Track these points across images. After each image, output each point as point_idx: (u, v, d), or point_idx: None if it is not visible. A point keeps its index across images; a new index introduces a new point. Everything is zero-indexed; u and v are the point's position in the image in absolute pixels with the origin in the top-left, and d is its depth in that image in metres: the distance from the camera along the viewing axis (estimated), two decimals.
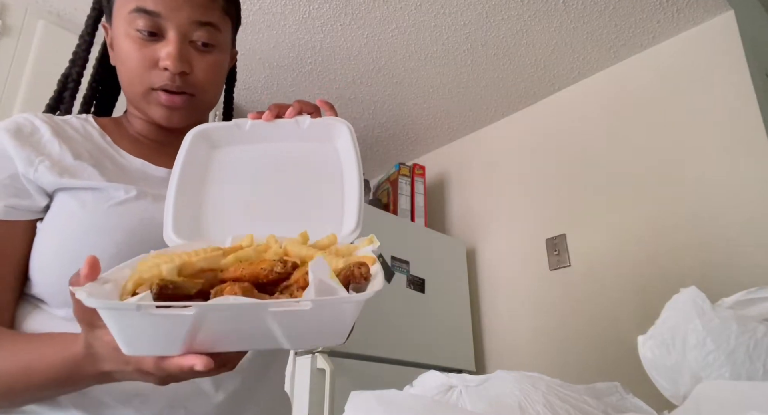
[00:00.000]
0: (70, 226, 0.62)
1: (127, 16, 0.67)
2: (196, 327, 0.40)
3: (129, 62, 0.68)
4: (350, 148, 0.66)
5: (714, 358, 0.49)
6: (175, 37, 0.67)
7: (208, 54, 0.70)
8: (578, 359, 1.94)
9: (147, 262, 0.46)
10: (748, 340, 0.49)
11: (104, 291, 0.42)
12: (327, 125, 0.67)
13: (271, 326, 0.41)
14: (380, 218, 2.08)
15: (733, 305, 0.55)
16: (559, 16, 1.91)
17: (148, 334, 0.41)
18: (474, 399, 0.53)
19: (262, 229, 0.56)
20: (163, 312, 0.39)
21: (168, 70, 0.66)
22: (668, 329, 0.52)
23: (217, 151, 0.68)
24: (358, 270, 0.45)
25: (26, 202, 0.64)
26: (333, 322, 0.42)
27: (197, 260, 0.45)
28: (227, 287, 0.43)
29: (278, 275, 0.45)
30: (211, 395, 0.64)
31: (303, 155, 0.66)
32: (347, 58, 2.11)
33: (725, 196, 1.74)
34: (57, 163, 0.64)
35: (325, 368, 1.63)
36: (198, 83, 0.70)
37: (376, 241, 0.53)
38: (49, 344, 0.54)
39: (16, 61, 1.74)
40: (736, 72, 1.81)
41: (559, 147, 2.24)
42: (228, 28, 0.74)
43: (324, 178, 0.65)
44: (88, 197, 0.64)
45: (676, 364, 0.51)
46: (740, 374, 0.49)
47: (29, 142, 0.65)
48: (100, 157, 0.69)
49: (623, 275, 1.90)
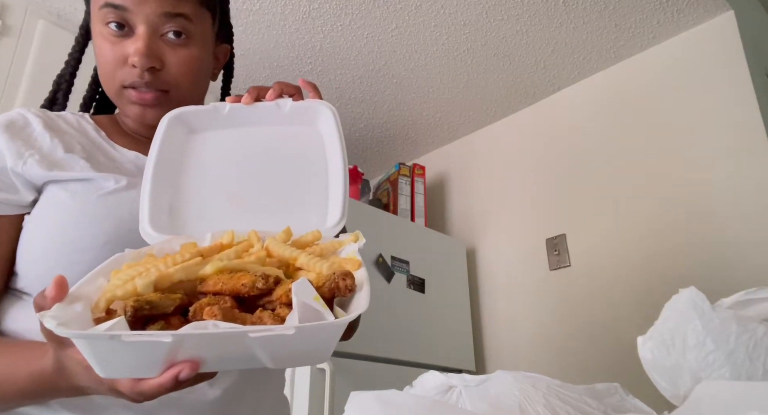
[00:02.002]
0: (59, 216, 0.61)
1: (98, 12, 0.66)
2: (174, 352, 0.38)
3: (102, 60, 0.67)
4: (334, 132, 0.64)
5: (714, 358, 0.49)
6: (143, 31, 0.64)
7: (181, 48, 0.67)
8: (578, 360, 1.94)
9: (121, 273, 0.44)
10: (748, 340, 0.49)
11: (74, 313, 0.39)
12: (309, 108, 0.64)
13: (253, 349, 0.40)
14: (380, 217, 2.08)
15: (733, 305, 0.55)
16: (559, 16, 1.91)
17: (124, 359, 0.39)
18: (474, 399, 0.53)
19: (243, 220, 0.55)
20: (138, 339, 0.37)
21: (136, 66, 0.64)
22: (668, 330, 0.52)
23: (194, 136, 0.64)
24: (343, 282, 0.43)
25: (13, 197, 0.63)
26: (317, 344, 0.41)
27: (174, 271, 0.43)
28: (206, 306, 0.41)
29: (260, 291, 0.43)
30: (205, 391, 0.63)
31: (285, 140, 0.64)
32: (347, 58, 2.11)
33: (725, 196, 1.74)
34: (46, 157, 0.64)
35: (325, 368, 1.63)
36: (171, 79, 0.67)
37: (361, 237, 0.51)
38: (21, 356, 0.53)
39: (16, 61, 1.74)
40: (736, 72, 1.81)
41: (560, 147, 2.24)
42: (206, 20, 0.70)
43: (307, 164, 0.63)
44: (77, 188, 0.63)
45: (676, 364, 0.51)
46: (740, 375, 0.49)
47: (20, 135, 0.64)
48: (93, 150, 0.68)
49: (623, 275, 1.90)
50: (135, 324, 0.40)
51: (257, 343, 0.38)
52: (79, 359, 0.43)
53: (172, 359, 0.39)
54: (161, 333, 0.37)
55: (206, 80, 0.74)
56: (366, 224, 1.97)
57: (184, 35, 0.67)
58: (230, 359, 0.41)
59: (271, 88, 0.64)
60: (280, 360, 0.42)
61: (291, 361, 0.44)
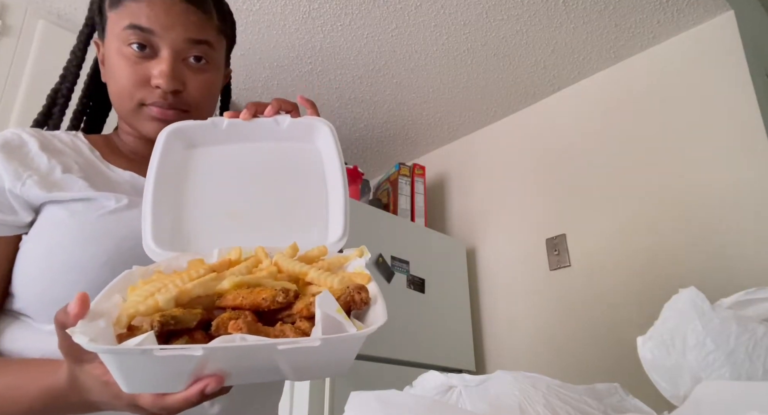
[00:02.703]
0: (59, 235, 0.61)
1: (120, 32, 0.67)
2: (202, 365, 0.39)
3: (121, 79, 0.67)
4: (332, 149, 0.63)
5: (714, 358, 0.49)
6: (168, 55, 0.66)
7: (202, 72, 0.69)
8: (578, 360, 1.93)
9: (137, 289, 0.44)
10: (747, 340, 0.49)
11: (99, 329, 0.39)
12: (307, 125, 0.65)
13: (278, 362, 0.41)
14: (380, 217, 2.08)
15: (733, 305, 0.55)
16: (559, 16, 1.91)
17: (152, 374, 0.40)
18: (474, 399, 0.53)
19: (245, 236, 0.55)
20: (170, 354, 0.38)
21: (160, 88, 0.66)
22: (668, 330, 0.52)
23: (193, 151, 0.64)
24: (358, 296, 0.45)
25: (11, 218, 0.62)
26: (339, 356, 0.42)
27: (192, 287, 0.44)
28: (230, 321, 0.41)
29: (280, 305, 0.44)
30: (205, 409, 0.63)
31: (284, 156, 0.64)
32: (347, 58, 2.11)
33: (725, 197, 1.74)
34: (45, 178, 0.63)
35: None
36: (192, 101, 0.69)
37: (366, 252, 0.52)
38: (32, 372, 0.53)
39: (16, 61, 1.74)
40: (736, 72, 1.81)
41: (560, 147, 2.24)
42: (222, 46, 0.74)
43: (306, 180, 0.63)
44: (78, 207, 0.62)
45: (676, 364, 0.51)
46: (740, 375, 0.49)
47: (16, 156, 0.64)
48: (90, 170, 0.68)
49: (623, 275, 1.90)
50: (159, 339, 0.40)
51: (284, 355, 0.39)
52: (96, 374, 0.43)
53: (198, 373, 0.40)
54: (192, 347, 0.38)
55: (217, 101, 0.76)
56: (366, 224, 1.97)
57: (204, 60, 0.69)
58: (254, 371, 0.42)
59: (269, 105, 0.65)
60: (302, 372, 0.43)
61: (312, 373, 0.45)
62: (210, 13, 0.70)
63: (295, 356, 0.40)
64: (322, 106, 2.40)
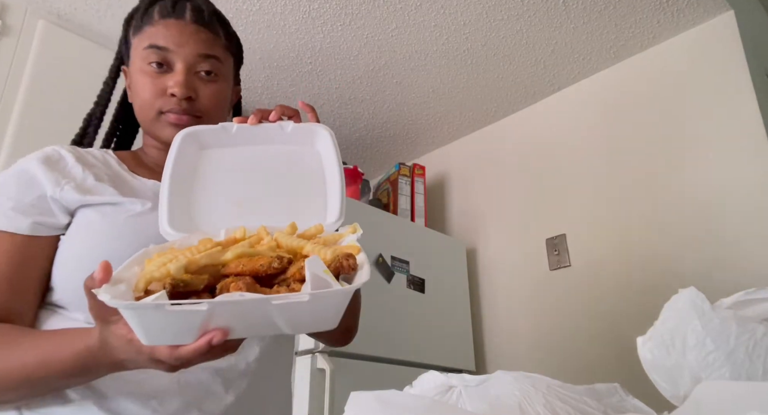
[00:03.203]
0: (91, 233, 0.70)
1: (141, 52, 0.78)
2: (207, 320, 0.45)
3: (143, 92, 0.77)
4: (331, 151, 0.70)
5: (714, 358, 0.49)
6: (182, 68, 0.77)
7: (211, 83, 0.79)
8: (578, 360, 1.94)
9: (153, 260, 0.51)
10: (747, 340, 0.49)
11: (120, 291, 0.46)
12: (309, 130, 0.71)
13: (274, 316, 0.46)
14: (380, 217, 2.08)
15: (733, 305, 0.55)
16: (559, 16, 1.91)
17: (165, 327, 0.46)
18: (474, 399, 0.53)
19: (252, 220, 0.60)
20: (179, 309, 0.44)
21: (175, 95, 0.76)
22: (668, 330, 0.52)
23: (206, 151, 0.71)
24: (346, 262, 0.50)
25: (51, 220, 0.71)
26: (327, 310, 0.48)
27: (200, 257, 0.50)
28: (232, 283, 0.48)
29: (275, 270, 0.50)
30: (221, 397, 0.71)
31: (287, 157, 0.71)
32: (347, 58, 2.11)
33: (725, 196, 1.74)
34: (80, 185, 0.73)
35: (325, 368, 1.63)
36: (203, 108, 0.78)
37: (359, 229, 0.58)
38: (66, 337, 0.60)
39: (16, 61, 1.74)
40: (736, 72, 1.81)
41: (559, 147, 2.24)
42: (229, 62, 0.84)
43: (308, 176, 0.69)
44: (108, 210, 0.72)
45: (676, 365, 0.51)
46: (740, 375, 0.49)
47: (56, 167, 0.74)
48: (117, 180, 0.78)
49: (623, 275, 1.90)
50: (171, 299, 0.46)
51: (277, 309, 0.45)
52: (122, 333, 0.50)
53: (205, 327, 0.46)
54: (198, 301, 0.44)
55: (227, 111, 0.85)
56: (366, 224, 1.96)
57: (214, 73, 0.80)
58: (254, 325, 0.48)
59: (273, 111, 0.72)
60: (296, 325, 0.49)
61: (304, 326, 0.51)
62: (217, 33, 0.81)
63: (287, 309, 0.46)
64: (322, 106, 2.40)
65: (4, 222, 0.69)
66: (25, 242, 0.69)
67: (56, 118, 1.75)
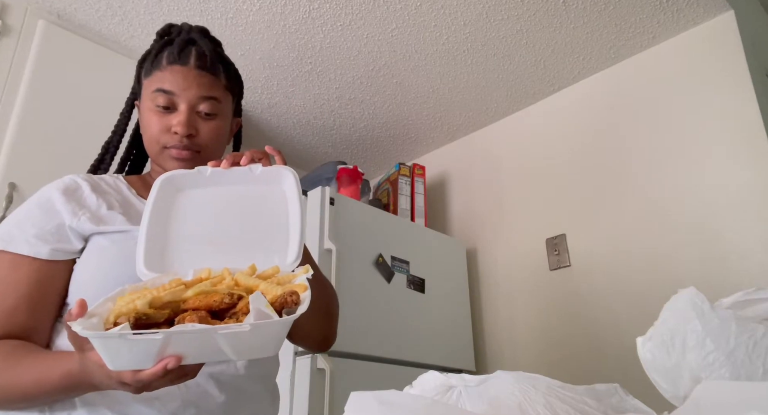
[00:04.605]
0: (102, 258, 0.80)
1: (150, 94, 0.87)
2: (164, 347, 0.53)
3: (150, 128, 0.87)
4: (294, 191, 0.77)
5: (714, 358, 0.49)
6: (185, 109, 0.86)
7: (210, 121, 0.88)
8: (578, 360, 1.94)
9: (125, 297, 0.59)
10: (747, 340, 0.49)
11: (92, 323, 0.54)
12: (276, 172, 0.78)
13: (220, 344, 0.53)
14: (380, 218, 2.08)
15: (732, 305, 0.55)
16: (559, 16, 1.91)
17: (128, 354, 0.53)
18: (474, 399, 0.53)
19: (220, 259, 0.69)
20: (138, 337, 0.51)
21: (178, 133, 0.85)
22: (667, 330, 0.52)
23: (181, 193, 0.78)
24: (290, 298, 0.58)
25: (68, 246, 0.80)
26: (267, 338, 0.56)
27: (164, 295, 0.59)
28: (187, 316, 0.55)
29: (227, 305, 0.58)
30: (215, 396, 0.80)
31: (255, 197, 0.78)
32: (347, 58, 2.11)
33: (725, 196, 1.74)
34: (94, 214, 0.82)
35: (325, 368, 1.63)
36: (202, 143, 0.87)
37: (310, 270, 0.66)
38: (56, 361, 0.69)
39: (16, 61, 1.74)
40: (736, 72, 1.81)
41: (560, 147, 2.24)
42: (229, 100, 0.93)
43: (272, 216, 0.77)
44: (117, 237, 0.81)
45: (676, 365, 0.51)
46: (740, 375, 0.49)
47: (74, 197, 0.83)
48: (126, 205, 0.87)
49: (623, 275, 1.90)
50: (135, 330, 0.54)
51: (223, 337, 0.53)
52: (95, 360, 0.57)
53: (162, 353, 0.53)
54: (154, 331, 0.52)
55: (225, 143, 0.95)
56: (366, 224, 1.97)
57: (213, 112, 0.88)
58: (204, 352, 0.56)
59: (244, 155, 0.79)
60: (240, 352, 0.56)
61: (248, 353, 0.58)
62: (218, 75, 0.90)
63: (231, 338, 0.53)
64: (321, 106, 2.40)
65: (27, 248, 0.78)
66: (44, 266, 0.78)
67: (56, 119, 1.75)
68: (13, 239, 0.78)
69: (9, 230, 0.80)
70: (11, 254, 0.78)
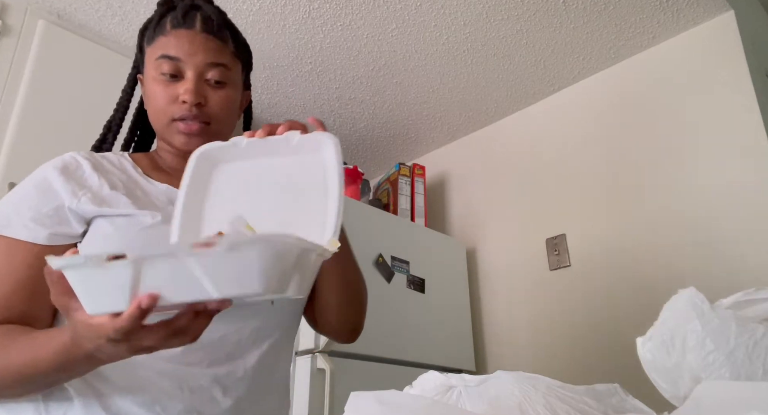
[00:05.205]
0: (104, 245, 0.74)
1: (154, 62, 0.81)
2: (135, 282, 0.48)
3: (155, 100, 0.82)
4: (334, 160, 0.72)
5: (714, 358, 0.49)
6: (192, 76, 0.80)
7: (220, 89, 0.83)
8: (578, 360, 1.94)
9: None
10: (747, 340, 0.49)
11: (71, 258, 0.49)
12: (315, 140, 0.74)
13: (196, 273, 0.47)
14: (380, 218, 2.08)
15: (732, 305, 0.55)
16: (559, 16, 1.91)
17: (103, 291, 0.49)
18: (474, 399, 0.53)
19: None
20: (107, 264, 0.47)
21: (186, 102, 0.79)
22: (667, 330, 0.52)
23: (217, 168, 0.76)
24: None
25: (67, 230, 0.75)
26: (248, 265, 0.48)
27: None
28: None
29: None
30: (220, 401, 0.75)
31: (293, 168, 0.74)
32: (347, 58, 2.11)
33: (725, 196, 1.74)
34: (96, 195, 0.77)
35: (325, 368, 1.63)
36: (212, 113, 0.82)
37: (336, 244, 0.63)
38: (48, 337, 0.64)
39: (16, 61, 1.74)
40: (736, 72, 1.81)
41: (560, 147, 2.24)
42: (238, 68, 0.87)
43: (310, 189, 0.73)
44: (121, 222, 0.76)
45: (676, 365, 0.51)
46: (740, 375, 0.49)
47: (73, 177, 0.78)
48: (132, 186, 0.81)
49: (623, 275, 1.90)
50: None
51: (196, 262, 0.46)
52: (83, 319, 0.52)
53: (136, 287, 0.48)
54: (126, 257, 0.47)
55: (236, 116, 0.89)
56: (366, 224, 1.97)
57: (222, 79, 0.83)
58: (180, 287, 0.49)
59: (281, 125, 0.74)
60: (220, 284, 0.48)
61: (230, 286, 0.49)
62: (226, 41, 0.84)
63: (206, 264, 0.46)
64: (322, 105, 2.40)
65: (24, 232, 0.73)
66: (43, 251, 0.72)
67: (56, 118, 1.75)
68: (10, 223, 0.74)
69: (6, 212, 0.75)
70: (8, 239, 0.73)
